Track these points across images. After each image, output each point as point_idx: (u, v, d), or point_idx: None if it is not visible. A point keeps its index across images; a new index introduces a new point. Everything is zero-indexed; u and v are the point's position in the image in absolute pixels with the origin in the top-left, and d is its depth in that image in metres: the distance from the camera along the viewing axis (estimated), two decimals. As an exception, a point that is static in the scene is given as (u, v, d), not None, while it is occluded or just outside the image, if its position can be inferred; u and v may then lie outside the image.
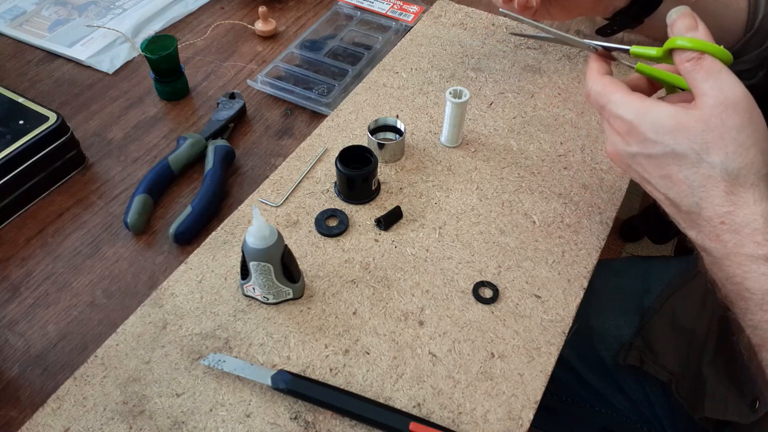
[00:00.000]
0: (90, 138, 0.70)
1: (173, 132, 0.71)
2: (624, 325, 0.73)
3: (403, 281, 0.55)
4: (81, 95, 0.75)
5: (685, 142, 0.41)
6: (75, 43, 0.81)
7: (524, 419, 0.47)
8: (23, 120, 0.62)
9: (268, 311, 0.53)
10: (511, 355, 0.50)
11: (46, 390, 0.49)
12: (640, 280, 0.79)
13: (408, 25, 0.83)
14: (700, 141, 0.41)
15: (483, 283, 0.55)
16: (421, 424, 0.44)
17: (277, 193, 0.62)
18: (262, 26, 0.82)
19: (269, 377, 0.47)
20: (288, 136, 0.70)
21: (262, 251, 0.47)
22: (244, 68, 0.79)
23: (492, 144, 0.67)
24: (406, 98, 0.72)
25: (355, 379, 0.49)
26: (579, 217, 0.60)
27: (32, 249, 0.59)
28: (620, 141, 0.46)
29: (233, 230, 0.59)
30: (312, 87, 0.74)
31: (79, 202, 0.63)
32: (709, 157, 0.41)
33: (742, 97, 0.41)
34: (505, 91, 0.73)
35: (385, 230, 0.59)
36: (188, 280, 0.55)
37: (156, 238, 0.60)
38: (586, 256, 0.57)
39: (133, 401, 0.47)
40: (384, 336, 0.51)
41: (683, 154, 0.42)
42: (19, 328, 0.53)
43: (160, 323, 0.52)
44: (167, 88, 0.73)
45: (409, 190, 0.62)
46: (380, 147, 0.63)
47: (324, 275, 0.55)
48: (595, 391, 0.72)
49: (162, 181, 0.63)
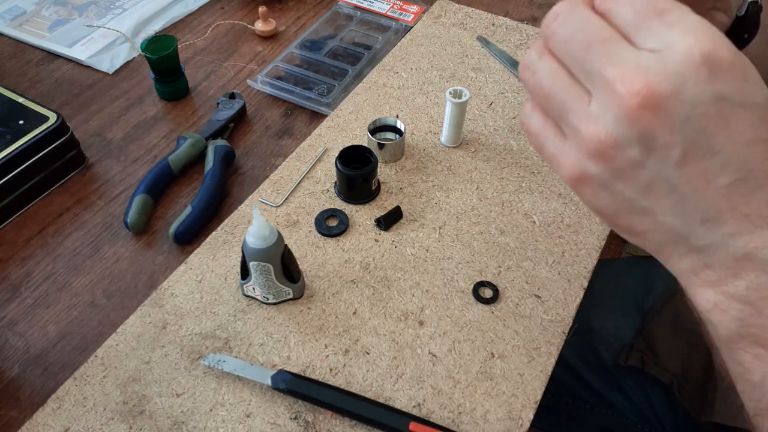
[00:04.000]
0: (90, 138, 0.70)
1: (173, 132, 0.71)
2: (625, 326, 0.73)
3: (403, 281, 0.55)
4: (81, 95, 0.75)
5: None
6: (75, 43, 0.81)
7: (524, 419, 0.47)
8: (23, 120, 0.62)
9: (268, 311, 0.53)
10: (511, 355, 0.50)
11: (46, 390, 0.49)
12: (641, 281, 0.79)
13: (408, 25, 0.83)
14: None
15: (483, 283, 0.55)
16: (421, 424, 0.44)
17: (277, 193, 0.62)
18: (262, 26, 0.83)
19: (269, 377, 0.47)
20: (288, 136, 0.70)
21: (262, 251, 0.47)
22: (244, 68, 0.79)
23: (492, 144, 0.67)
24: (406, 98, 0.72)
25: (355, 379, 0.49)
26: (579, 217, 0.60)
27: (32, 249, 0.59)
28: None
29: (233, 230, 0.59)
30: (312, 87, 0.74)
31: (79, 202, 0.63)
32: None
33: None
34: (505, 91, 0.73)
35: (385, 230, 0.59)
36: (188, 280, 0.55)
37: (156, 238, 0.60)
38: (586, 256, 0.57)
39: (133, 401, 0.47)
40: (384, 336, 0.51)
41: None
42: (19, 328, 0.53)
43: (160, 323, 0.52)
44: (167, 88, 0.73)
45: (409, 190, 0.62)
46: (380, 147, 0.63)
47: (324, 275, 0.55)
48: (596, 392, 0.72)
49: (162, 181, 0.63)
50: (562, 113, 0.30)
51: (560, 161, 0.31)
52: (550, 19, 0.31)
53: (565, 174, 0.31)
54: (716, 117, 0.27)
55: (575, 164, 0.30)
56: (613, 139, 0.28)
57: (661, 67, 0.27)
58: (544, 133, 0.32)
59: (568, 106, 0.30)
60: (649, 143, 0.28)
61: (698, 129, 0.27)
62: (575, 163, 0.30)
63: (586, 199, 0.32)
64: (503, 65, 0.76)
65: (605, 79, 0.28)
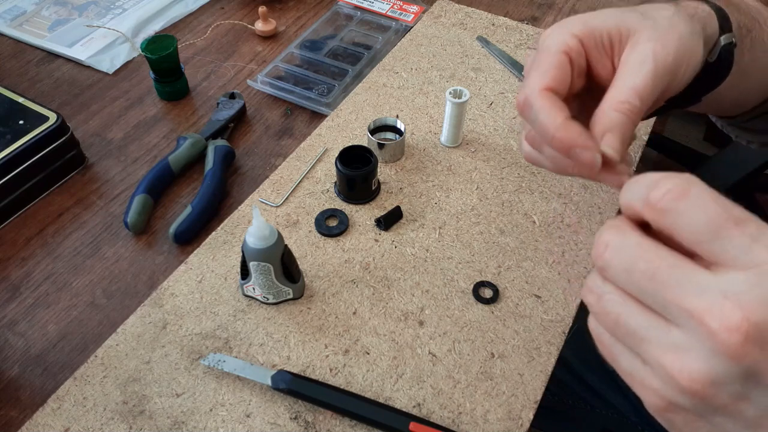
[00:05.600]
0: (90, 138, 0.70)
1: (173, 132, 0.71)
2: None
3: (403, 281, 0.55)
4: (81, 95, 0.75)
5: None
6: (75, 43, 0.81)
7: (524, 419, 0.47)
8: (23, 120, 0.62)
9: (268, 311, 0.53)
10: (511, 355, 0.50)
11: (46, 390, 0.49)
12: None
13: (408, 25, 0.83)
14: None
15: (483, 283, 0.55)
16: (421, 424, 0.44)
17: (277, 193, 0.62)
18: (262, 26, 0.83)
19: (269, 377, 0.47)
20: (288, 136, 0.70)
21: (262, 251, 0.47)
22: (244, 68, 0.79)
23: (492, 144, 0.67)
24: (406, 98, 0.72)
25: (355, 379, 0.49)
26: (579, 217, 0.60)
27: (32, 249, 0.59)
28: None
29: (233, 230, 0.59)
30: (312, 87, 0.74)
31: (79, 202, 0.63)
32: None
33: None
34: (505, 91, 0.73)
35: (385, 230, 0.59)
36: (188, 280, 0.55)
37: (156, 238, 0.60)
38: (586, 256, 0.57)
39: (133, 401, 0.47)
40: (384, 336, 0.51)
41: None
42: (19, 328, 0.53)
43: (160, 323, 0.52)
44: (167, 88, 0.73)
45: (409, 190, 0.62)
46: (380, 147, 0.63)
47: (324, 275, 0.55)
48: (595, 392, 0.72)
49: (162, 181, 0.63)
50: (635, 343, 0.27)
51: (640, 385, 0.28)
52: (601, 249, 0.28)
53: (646, 401, 0.28)
54: None
55: (660, 395, 0.27)
56: (711, 376, 0.25)
57: (756, 292, 0.23)
58: (617, 350, 0.29)
59: (642, 336, 0.27)
60: (757, 378, 0.24)
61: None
62: (660, 393, 0.27)
63: (678, 428, 0.28)
64: (503, 65, 0.76)
65: (688, 312, 0.24)
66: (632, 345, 0.28)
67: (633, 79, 0.35)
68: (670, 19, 0.37)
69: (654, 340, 0.26)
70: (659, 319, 0.26)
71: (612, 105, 0.35)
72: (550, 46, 0.37)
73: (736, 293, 0.24)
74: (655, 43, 0.35)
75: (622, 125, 0.34)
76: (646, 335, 0.27)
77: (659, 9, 0.38)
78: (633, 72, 0.35)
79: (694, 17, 0.39)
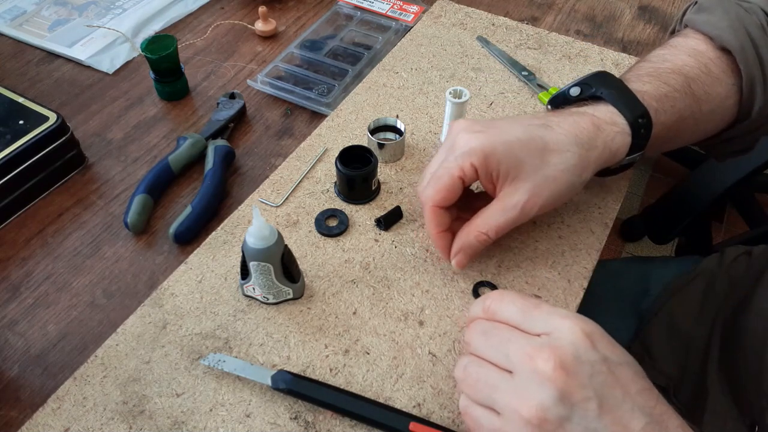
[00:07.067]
0: (90, 138, 0.70)
1: (173, 132, 0.71)
2: (622, 329, 0.73)
3: (403, 281, 0.55)
4: (81, 95, 0.75)
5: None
6: (75, 43, 0.81)
7: (524, 419, 0.47)
8: (23, 120, 0.62)
9: (268, 311, 0.53)
10: (511, 355, 0.50)
11: (46, 390, 0.49)
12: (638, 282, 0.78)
13: (408, 25, 0.83)
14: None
15: (483, 283, 0.55)
16: (421, 424, 0.44)
17: (277, 193, 0.62)
18: (262, 26, 0.83)
19: (269, 377, 0.47)
20: (288, 136, 0.70)
21: (262, 251, 0.47)
22: (244, 68, 0.79)
23: (492, 144, 0.67)
24: (406, 98, 0.72)
25: (355, 379, 0.49)
26: (579, 217, 0.60)
27: (32, 249, 0.59)
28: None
29: (233, 230, 0.59)
30: (312, 87, 0.74)
31: (79, 202, 0.63)
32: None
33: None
34: (505, 91, 0.73)
35: (385, 230, 0.59)
36: (188, 280, 0.55)
37: (156, 238, 0.60)
38: (586, 256, 0.57)
39: (133, 401, 0.47)
40: (384, 336, 0.51)
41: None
42: (19, 328, 0.53)
43: (160, 323, 0.52)
44: (167, 88, 0.73)
45: (409, 190, 0.62)
46: (380, 147, 0.63)
47: (324, 275, 0.55)
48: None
49: (162, 181, 0.63)
50: (491, 393, 0.38)
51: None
52: (468, 336, 0.43)
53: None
54: (609, 373, 0.36)
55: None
56: (542, 402, 0.36)
57: (558, 341, 0.37)
58: (479, 413, 0.40)
59: (495, 385, 0.38)
60: (569, 399, 0.35)
61: (602, 383, 0.36)
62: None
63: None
64: (503, 65, 0.76)
65: (522, 357, 0.37)
66: (489, 399, 0.39)
67: (497, 218, 0.49)
68: (561, 184, 0.49)
69: (502, 388, 0.38)
70: (505, 372, 0.38)
71: (472, 232, 0.50)
72: (451, 168, 0.49)
73: (547, 342, 0.37)
74: (529, 196, 0.48)
75: (473, 249, 0.51)
76: (498, 384, 0.38)
77: (565, 142, 0.49)
78: (501, 212, 0.49)
79: (598, 137, 0.49)
